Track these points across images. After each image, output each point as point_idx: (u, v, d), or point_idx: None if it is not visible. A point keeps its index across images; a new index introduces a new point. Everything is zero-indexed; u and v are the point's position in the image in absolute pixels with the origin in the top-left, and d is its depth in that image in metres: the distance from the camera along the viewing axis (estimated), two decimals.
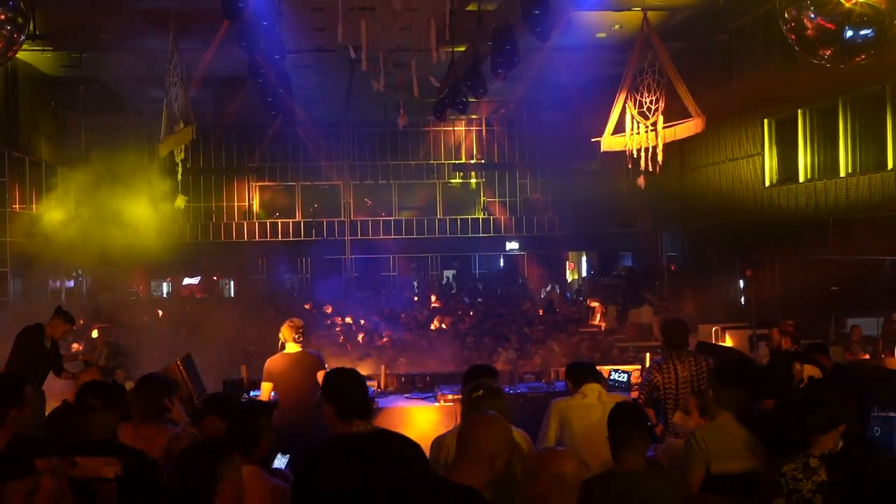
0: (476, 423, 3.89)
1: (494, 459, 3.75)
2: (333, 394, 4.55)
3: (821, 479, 4.64)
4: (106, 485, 4.22)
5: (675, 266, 25.05)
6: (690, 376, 7.48)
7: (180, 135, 14.10)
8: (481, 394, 4.62)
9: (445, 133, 34.74)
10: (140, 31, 18.14)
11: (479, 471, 3.73)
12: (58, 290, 26.93)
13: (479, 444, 3.77)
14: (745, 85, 20.52)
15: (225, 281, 35.47)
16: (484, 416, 3.96)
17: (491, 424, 3.86)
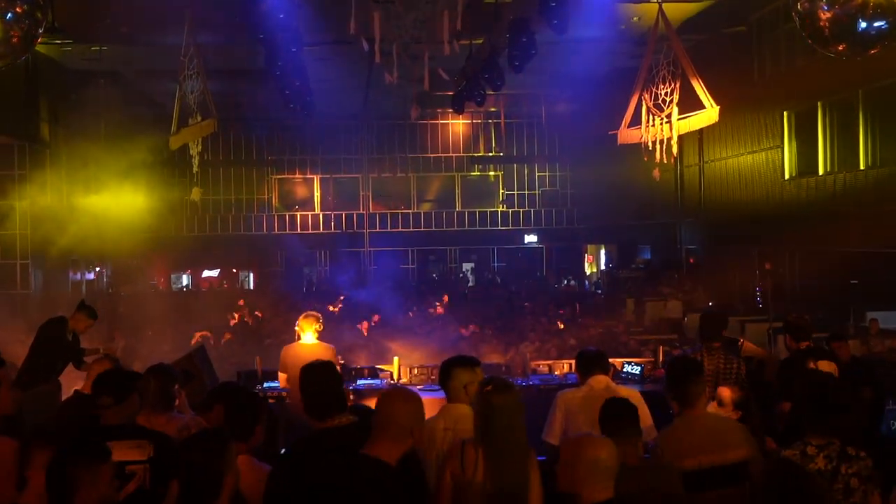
0: (393, 398, 4.10)
1: (412, 432, 4.02)
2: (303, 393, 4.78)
3: (817, 466, 4.61)
4: (139, 466, 4.29)
5: (694, 259, 24.94)
6: (716, 371, 7.37)
7: (197, 127, 14.14)
8: (491, 388, 4.62)
9: (464, 126, 34.71)
10: (159, 24, 18.20)
11: (398, 444, 3.98)
12: (78, 283, 27.10)
13: (397, 420, 4.00)
14: (764, 77, 20.42)
15: (245, 273, 35.63)
16: (400, 391, 4.22)
17: (407, 399, 4.09)
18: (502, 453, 4.47)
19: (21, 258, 23.69)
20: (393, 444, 3.95)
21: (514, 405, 4.56)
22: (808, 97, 18.77)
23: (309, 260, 35.43)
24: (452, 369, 5.39)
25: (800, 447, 4.67)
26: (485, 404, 4.55)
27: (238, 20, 16.40)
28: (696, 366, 5.65)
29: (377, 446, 3.95)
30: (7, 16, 7.20)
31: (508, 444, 4.49)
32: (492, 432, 4.50)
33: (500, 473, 4.44)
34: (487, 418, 4.52)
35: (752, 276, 21.52)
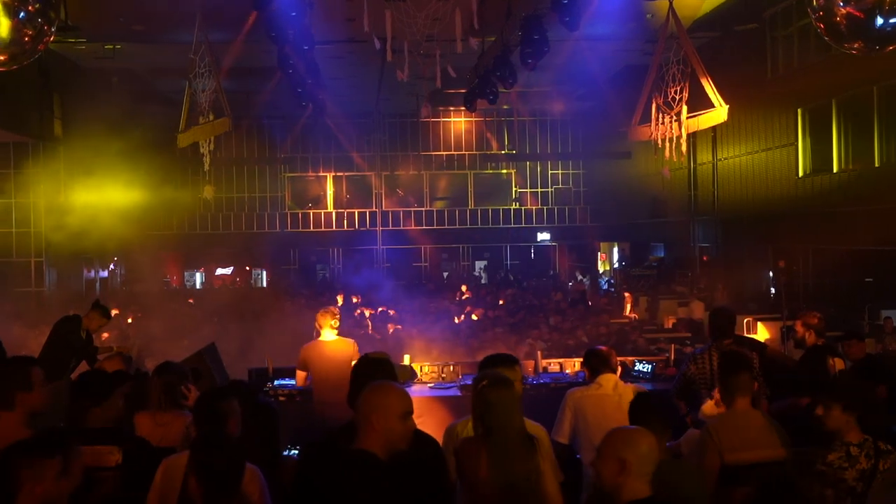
0: (369, 392, 4.06)
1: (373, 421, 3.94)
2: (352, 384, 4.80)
3: (862, 466, 4.62)
4: (107, 473, 4.27)
5: (707, 257, 24.87)
6: None
7: (209, 126, 14.14)
8: (486, 383, 4.61)
9: (477, 123, 34.67)
10: (172, 22, 18.24)
11: (369, 435, 3.95)
12: (92, 280, 27.23)
13: (359, 410, 4.02)
14: (777, 75, 20.33)
15: (257, 271, 35.70)
16: (377, 385, 4.14)
17: (371, 390, 4.07)
18: (503, 447, 4.47)
19: (35, 256, 23.85)
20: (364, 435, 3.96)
21: (510, 399, 4.56)
22: (822, 94, 18.68)
23: (322, 258, 35.50)
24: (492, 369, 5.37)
25: (842, 449, 4.68)
26: (481, 400, 4.55)
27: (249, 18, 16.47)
28: (745, 361, 5.67)
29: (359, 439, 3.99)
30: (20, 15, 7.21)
31: (508, 438, 4.50)
32: (490, 427, 4.50)
33: (504, 468, 4.44)
34: (484, 413, 4.52)
35: (766, 275, 21.45)
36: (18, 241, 23.83)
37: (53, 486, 3.39)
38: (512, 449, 4.48)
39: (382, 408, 3.97)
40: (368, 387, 4.09)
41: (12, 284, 23.23)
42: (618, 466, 3.71)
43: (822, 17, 8.00)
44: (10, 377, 4.74)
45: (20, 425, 4.62)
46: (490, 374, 4.78)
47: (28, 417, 4.70)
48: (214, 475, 3.68)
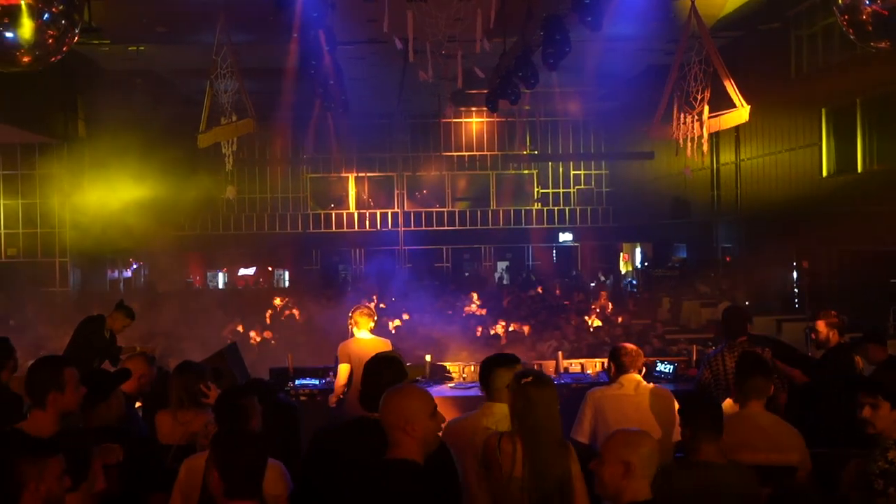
0: (393, 399, 3.98)
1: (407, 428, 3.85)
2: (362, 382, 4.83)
3: None
4: (108, 470, 4.31)
5: (730, 257, 24.75)
6: None
7: (232, 127, 14.19)
8: (531, 380, 4.60)
9: (499, 124, 34.64)
10: (195, 23, 18.33)
11: (405, 442, 3.87)
12: (116, 281, 27.40)
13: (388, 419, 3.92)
14: (801, 74, 20.21)
15: (280, 272, 35.82)
16: (398, 391, 4.06)
17: (391, 398, 3.98)
18: (540, 447, 4.46)
19: (60, 256, 24.03)
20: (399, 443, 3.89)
21: (550, 398, 4.55)
22: (847, 94, 18.54)
23: (344, 258, 35.58)
24: (494, 368, 5.34)
25: (882, 454, 4.64)
26: (522, 397, 4.54)
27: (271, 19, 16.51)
28: (762, 363, 5.63)
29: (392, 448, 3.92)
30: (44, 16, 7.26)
31: (546, 437, 4.49)
32: (529, 425, 4.48)
33: (540, 467, 4.43)
34: (525, 411, 4.50)
35: (789, 275, 21.32)
36: (43, 242, 24.02)
37: (57, 486, 3.41)
38: (549, 449, 4.48)
39: (412, 412, 3.90)
40: (388, 394, 4.02)
41: (38, 284, 23.41)
42: (622, 469, 3.72)
43: (847, 16, 7.96)
44: (43, 377, 4.80)
45: (52, 425, 4.68)
46: (533, 372, 4.79)
47: (60, 417, 4.76)
48: (236, 470, 3.69)
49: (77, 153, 23.58)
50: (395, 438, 3.90)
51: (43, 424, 4.63)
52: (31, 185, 24.02)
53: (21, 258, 24.01)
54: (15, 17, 7.12)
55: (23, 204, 24.06)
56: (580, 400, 6.34)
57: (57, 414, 4.75)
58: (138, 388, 6.20)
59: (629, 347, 6.34)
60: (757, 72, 19.98)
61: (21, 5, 7.12)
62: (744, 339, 7.57)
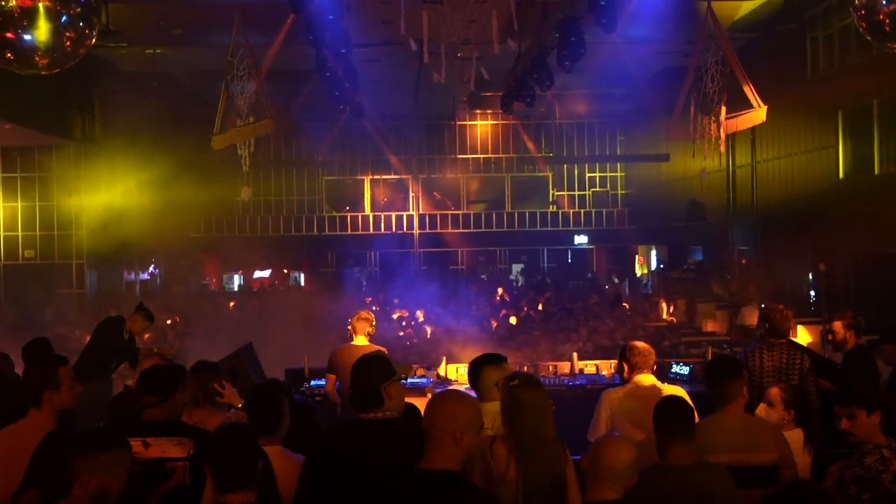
0: (433, 402, 3.86)
1: (458, 436, 3.68)
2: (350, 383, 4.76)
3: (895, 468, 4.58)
4: (178, 463, 4.37)
5: (746, 260, 24.66)
6: (777, 367, 7.23)
7: (250, 128, 14.18)
8: (518, 382, 4.59)
9: (513, 126, 34.61)
10: (211, 26, 18.40)
11: (448, 451, 3.70)
12: (132, 283, 27.51)
13: (437, 424, 3.73)
14: (817, 75, 20.13)
15: (295, 274, 35.90)
16: (445, 395, 3.93)
17: (446, 402, 3.82)
18: (532, 450, 4.42)
19: (77, 258, 24.14)
20: (442, 451, 3.70)
21: (541, 401, 4.52)
22: (863, 95, 18.45)
23: (359, 261, 35.63)
24: (481, 368, 5.35)
25: (877, 452, 4.63)
26: (511, 399, 4.52)
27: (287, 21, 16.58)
28: (734, 366, 5.56)
29: (426, 457, 3.75)
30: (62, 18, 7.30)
31: (537, 440, 4.45)
32: (519, 428, 4.46)
33: (532, 469, 4.39)
34: (514, 413, 4.49)
35: (806, 277, 21.23)
36: (60, 244, 24.13)
37: (106, 480, 3.45)
38: (540, 451, 4.45)
39: (467, 420, 3.75)
40: (442, 399, 3.86)
41: (55, 286, 23.52)
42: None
43: (864, 17, 7.93)
44: (39, 376, 4.87)
45: (48, 423, 4.76)
46: (521, 374, 4.77)
47: (56, 415, 4.85)
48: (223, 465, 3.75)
49: (93, 155, 23.68)
50: (440, 445, 3.72)
51: (38, 423, 4.71)
52: (47, 188, 24.13)
53: (38, 260, 24.12)
54: (33, 19, 7.15)
55: (40, 206, 24.18)
56: (594, 401, 6.32)
57: (54, 412, 4.86)
58: None
59: (640, 346, 6.25)
60: (773, 73, 19.90)
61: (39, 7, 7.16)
62: (783, 340, 7.49)
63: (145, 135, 23.04)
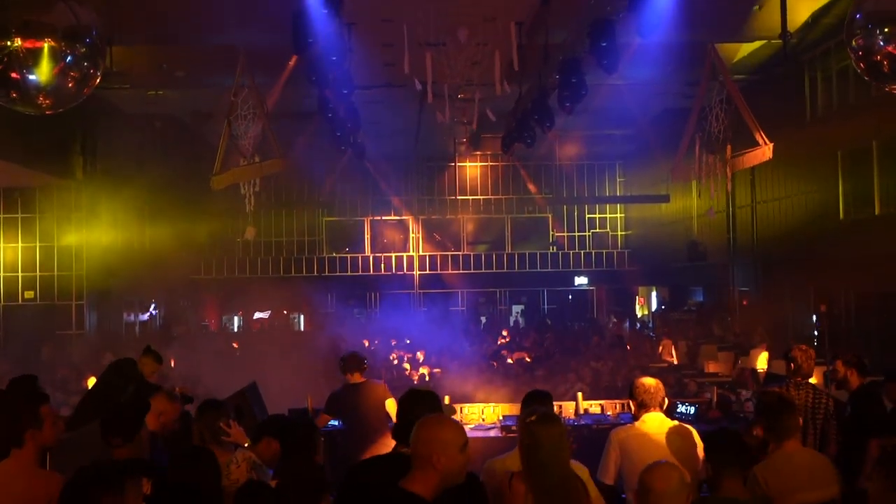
0: (425, 428, 3.91)
1: (433, 459, 3.77)
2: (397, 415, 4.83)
3: None
4: None
5: (747, 301, 24.63)
6: (804, 407, 7.19)
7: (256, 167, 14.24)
8: (535, 419, 4.57)
9: (513, 167, 34.71)
10: (214, 67, 18.51)
11: (426, 474, 3.79)
12: (132, 324, 27.41)
13: (416, 448, 3.85)
14: (817, 117, 20.23)
15: (294, 315, 35.79)
16: (432, 420, 4.00)
17: (426, 425, 3.91)
18: (550, 487, 4.41)
19: (77, 299, 24.06)
20: (420, 474, 3.82)
21: (558, 437, 4.51)
22: (863, 137, 18.53)
23: (359, 302, 35.57)
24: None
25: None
26: (528, 435, 4.51)
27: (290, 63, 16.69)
28: (789, 401, 5.57)
29: (409, 478, 3.85)
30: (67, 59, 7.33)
31: (554, 476, 4.43)
32: (536, 464, 4.44)
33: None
34: (531, 450, 4.47)
35: (808, 318, 21.18)
36: (60, 285, 24.07)
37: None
38: (558, 487, 4.43)
39: (442, 443, 3.83)
40: (421, 423, 3.96)
41: (55, 327, 23.43)
42: None
43: (862, 57, 7.99)
44: (20, 415, 4.84)
45: (31, 463, 4.73)
46: (538, 410, 4.75)
47: (39, 454, 4.81)
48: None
49: (94, 196, 23.68)
50: (417, 467, 3.84)
51: (21, 463, 4.68)
52: (48, 228, 24.10)
53: (38, 301, 24.06)
54: (38, 59, 7.19)
55: (40, 247, 24.16)
56: (600, 440, 6.26)
57: (36, 451, 4.81)
58: (160, 425, 6.17)
59: (648, 383, 6.17)
60: (772, 115, 19.97)
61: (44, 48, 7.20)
62: (807, 381, 7.50)
63: (146, 176, 23.07)
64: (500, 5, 15.37)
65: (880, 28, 7.61)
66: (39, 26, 7.18)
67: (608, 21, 12.22)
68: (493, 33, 14.68)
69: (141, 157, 22.91)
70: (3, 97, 7.27)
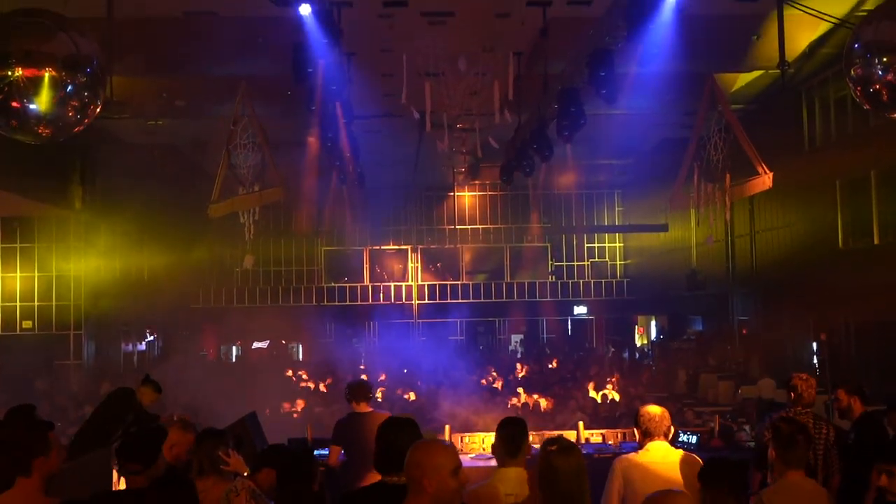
0: (415, 452, 3.90)
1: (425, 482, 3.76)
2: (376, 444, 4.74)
3: None
4: None
5: (746, 330, 24.60)
6: None
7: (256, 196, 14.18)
8: (554, 449, 4.54)
9: (513, 197, 34.78)
10: (213, 97, 18.56)
11: (419, 499, 3.79)
12: (130, 353, 27.35)
13: (409, 472, 3.83)
14: (815, 147, 20.28)
15: (293, 345, 35.71)
16: (422, 444, 3.98)
17: (415, 448, 3.89)
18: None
19: (75, 329, 24.01)
20: (413, 498, 3.81)
21: (577, 467, 4.48)
22: (861, 166, 18.57)
23: (358, 332, 35.49)
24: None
25: None
26: (547, 466, 4.47)
27: (289, 93, 16.74)
28: (803, 428, 5.52)
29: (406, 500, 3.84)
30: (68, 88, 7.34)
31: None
32: (555, 494, 4.41)
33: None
34: (550, 480, 4.43)
35: (809, 347, 21.14)
36: (58, 314, 24.03)
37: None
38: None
39: (432, 467, 3.80)
40: (413, 447, 3.93)
41: (52, 357, 23.38)
42: None
43: (860, 87, 8.00)
44: (28, 442, 4.76)
45: (38, 491, 4.64)
46: (559, 440, 4.71)
47: (45, 483, 4.73)
48: None
49: (93, 225, 23.71)
50: (411, 491, 3.83)
51: (28, 492, 4.60)
52: (47, 258, 24.11)
53: (36, 331, 24.00)
54: (38, 88, 7.19)
55: (38, 277, 24.14)
56: (602, 470, 6.21)
57: (42, 479, 4.72)
58: (173, 456, 6.11)
59: (653, 412, 6.07)
60: (770, 144, 19.95)
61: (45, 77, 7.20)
62: (808, 410, 7.44)
63: (145, 205, 23.09)
64: (498, 36, 15.47)
65: (879, 57, 7.62)
66: (40, 56, 7.18)
67: (607, 51, 12.24)
68: (492, 63, 14.76)
69: (139, 187, 22.92)
70: (4, 126, 7.26)
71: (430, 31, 15.31)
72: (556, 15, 14.70)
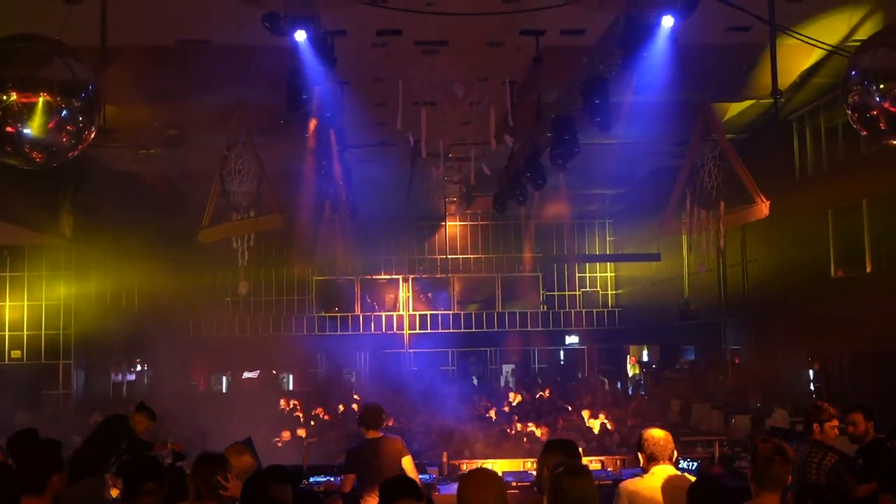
0: (468, 483, 3.91)
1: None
2: None
3: None
4: None
5: (739, 359, 24.57)
6: (802, 462, 7.09)
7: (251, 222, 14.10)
8: (562, 471, 4.45)
9: (504, 227, 34.78)
10: (205, 126, 18.51)
11: None
12: (119, 383, 27.17)
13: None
14: (806, 176, 20.35)
15: (283, 375, 35.53)
16: (475, 475, 4.01)
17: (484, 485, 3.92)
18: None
19: (64, 358, 23.85)
20: None
21: (587, 489, 4.39)
22: (853, 194, 18.62)
23: (349, 361, 35.31)
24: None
25: None
26: (555, 488, 4.38)
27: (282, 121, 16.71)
28: (782, 449, 5.41)
29: None
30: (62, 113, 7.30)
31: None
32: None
33: None
34: (559, 502, 4.35)
35: (802, 376, 21.11)
36: (47, 344, 23.88)
37: None
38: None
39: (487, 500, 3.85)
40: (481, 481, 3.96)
41: (42, 387, 23.21)
42: None
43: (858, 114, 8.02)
44: (45, 460, 4.72)
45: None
46: (567, 462, 4.63)
47: (54, 501, 4.67)
48: None
49: (83, 254, 23.61)
50: None
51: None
52: (36, 287, 23.99)
53: (24, 361, 23.82)
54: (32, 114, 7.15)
55: (28, 306, 24.00)
56: (602, 496, 6.12)
57: (52, 497, 4.68)
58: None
59: (657, 436, 5.96)
60: (762, 173, 20.02)
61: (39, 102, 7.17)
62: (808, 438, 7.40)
63: (135, 235, 23.01)
64: (492, 65, 15.50)
65: (876, 84, 7.64)
66: (35, 81, 7.15)
67: (602, 79, 12.27)
68: (487, 92, 14.79)
69: (130, 216, 22.85)
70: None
71: (423, 59, 15.34)
72: (550, 44, 14.74)
